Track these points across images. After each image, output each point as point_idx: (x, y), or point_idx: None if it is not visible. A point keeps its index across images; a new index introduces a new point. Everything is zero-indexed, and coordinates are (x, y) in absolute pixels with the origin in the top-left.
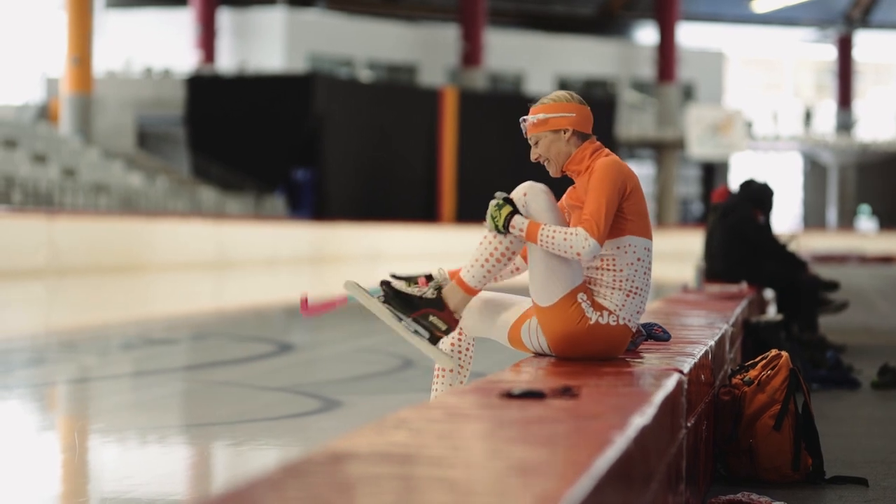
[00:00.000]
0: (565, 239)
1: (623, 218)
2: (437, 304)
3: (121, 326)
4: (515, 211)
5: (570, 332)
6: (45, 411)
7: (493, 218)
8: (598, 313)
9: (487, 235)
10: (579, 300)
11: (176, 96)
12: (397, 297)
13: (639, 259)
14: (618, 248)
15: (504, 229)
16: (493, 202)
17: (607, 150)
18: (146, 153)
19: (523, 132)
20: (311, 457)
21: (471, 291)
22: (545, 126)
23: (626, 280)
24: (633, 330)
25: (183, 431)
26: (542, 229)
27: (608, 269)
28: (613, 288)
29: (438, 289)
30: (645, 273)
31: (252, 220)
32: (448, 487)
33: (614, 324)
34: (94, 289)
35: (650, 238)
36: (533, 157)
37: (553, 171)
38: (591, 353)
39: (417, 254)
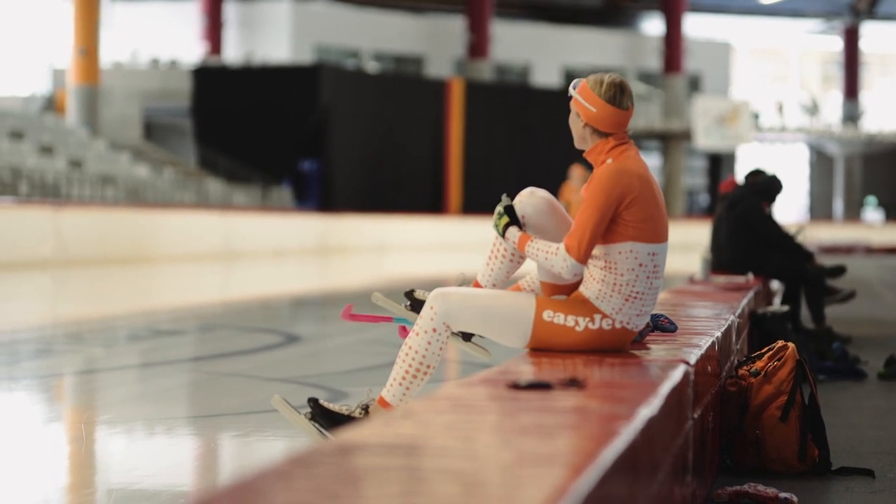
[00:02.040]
0: (546, 258)
1: (625, 224)
2: None
3: (127, 318)
4: (514, 222)
5: (565, 345)
6: (52, 402)
7: (495, 224)
8: (588, 318)
9: (402, 353)
10: (547, 318)
11: (182, 88)
12: (324, 415)
13: (640, 265)
14: (619, 252)
15: (502, 236)
16: (498, 206)
17: (625, 148)
18: (153, 144)
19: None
20: (319, 448)
21: (391, 409)
22: (574, 105)
23: (626, 285)
24: (635, 330)
25: (190, 423)
26: (530, 244)
27: (610, 271)
28: (613, 291)
29: (365, 408)
30: (647, 278)
31: (258, 212)
32: (455, 478)
33: (609, 328)
34: (100, 280)
35: (660, 242)
36: None
37: (574, 142)
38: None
39: (423, 245)
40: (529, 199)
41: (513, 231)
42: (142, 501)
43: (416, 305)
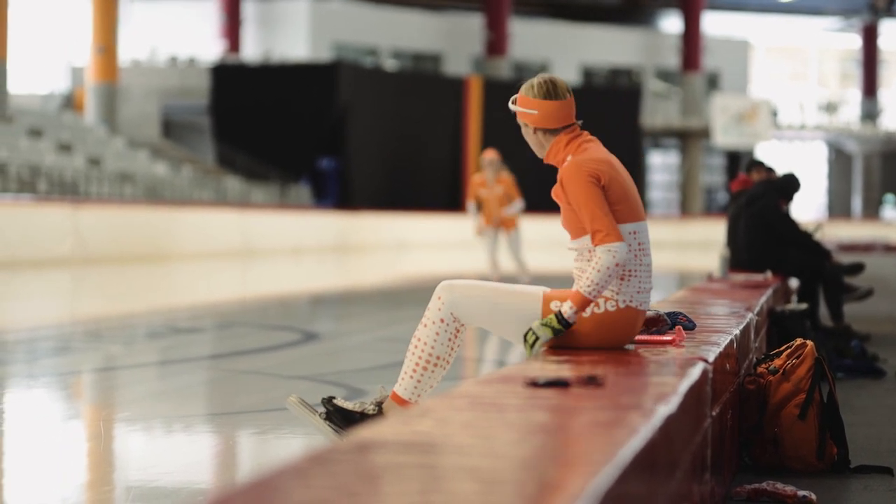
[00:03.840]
0: (598, 271)
1: None
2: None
3: (146, 315)
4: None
5: (576, 333)
6: (70, 400)
7: (547, 326)
8: (593, 304)
9: (412, 346)
10: (554, 308)
11: (201, 85)
12: (338, 413)
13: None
14: None
15: (563, 327)
16: (537, 325)
17: (581, 141)
18: (171, 142)
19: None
20: (337, 446)
21: (405, 404)
22: (520, 117)
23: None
24: (642, 309)
25: (208, 420)
26: (581, 289)
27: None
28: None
29: (379, 404)
30: (635, 256)
31: (277, 210)
32: (473, 476)
33: (613, 309)
34: (119, 278)
35: (636, 220)
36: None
37: (540, 155)
38: (605, 341)
39: (441, 243)
40: (451, 295)
41: (566, 307)
42: (160, 499)
43: (334, 414)
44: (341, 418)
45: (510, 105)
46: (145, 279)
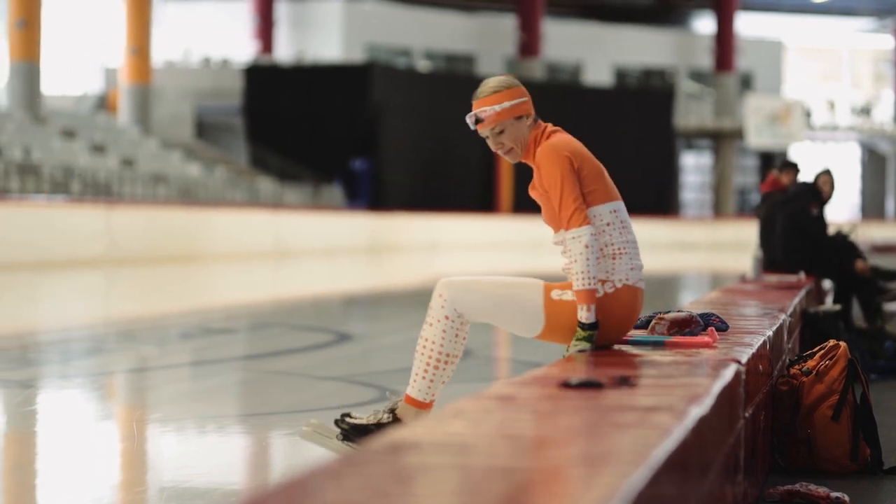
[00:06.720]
0: (576, 261)
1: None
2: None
3: (179, 316)
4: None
5: (576, 323)
6: (103, 401)
7: (580, 340)
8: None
9: (419, 347)
10: (556, 297)
11: (234, 86)
12: (356, 431)
13: (608, 224)
14: None
15: (591, 329)
16: (572, 347)
17: (546, 132)
18: (204, 143)
19: (472, 126)
20: (370, 447)
21: (422, 405)
22: (509, 114)
23: (606, 246)
24: (640, 287)
25: (241, 421)
26: (576, 287)
27: None
28: (597, 258)
29: (392, 411)
30: (620, 233)
31: (310, 210)
32: (506, 477)
33: (612, 290)
34: (152, 278)
35: (613, 199)
36: (495, 147)
37: (514, 158)
38: (611, 325)
39: (474, 244)
40: (451, 292)
41: (581, 313)
42: (193, 499)
43: (351, 432)
44: (358, 435)
45: (472, 124)
46: (178, 280)
